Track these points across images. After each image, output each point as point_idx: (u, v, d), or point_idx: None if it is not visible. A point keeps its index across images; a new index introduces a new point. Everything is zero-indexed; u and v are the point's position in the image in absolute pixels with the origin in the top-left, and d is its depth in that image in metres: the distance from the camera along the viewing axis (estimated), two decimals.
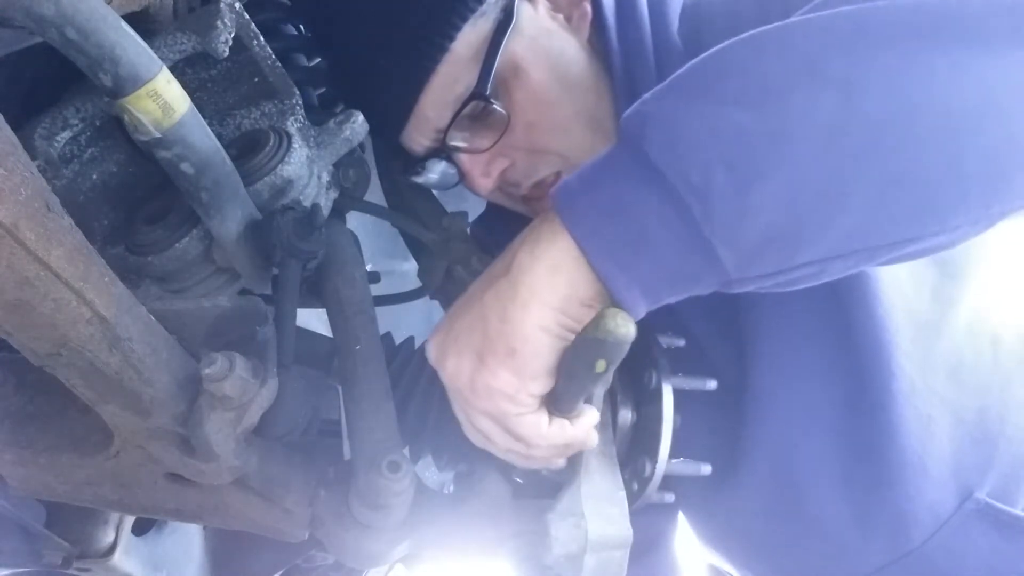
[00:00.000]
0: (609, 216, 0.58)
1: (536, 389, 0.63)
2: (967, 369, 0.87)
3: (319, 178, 0.83)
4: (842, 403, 0.85)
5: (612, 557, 0.68)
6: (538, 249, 0.61)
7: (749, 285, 0.60)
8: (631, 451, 0.77)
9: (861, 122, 0.55)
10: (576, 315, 0.61)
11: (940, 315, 0.87)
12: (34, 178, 0.46)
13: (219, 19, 0.70)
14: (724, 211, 0.55)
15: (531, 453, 0.69)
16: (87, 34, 0.53)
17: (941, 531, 0.85)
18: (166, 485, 0.71)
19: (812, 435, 0.87)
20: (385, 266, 1.27)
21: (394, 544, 0.70)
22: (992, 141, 0.56)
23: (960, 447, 0.86)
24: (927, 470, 0.84)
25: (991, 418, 0.87)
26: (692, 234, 0.56)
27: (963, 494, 0.86)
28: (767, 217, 0.55)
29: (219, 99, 0.81)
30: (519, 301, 0.61)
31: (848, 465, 0.86)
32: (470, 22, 0.86)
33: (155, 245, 0.72)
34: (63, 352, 0.53)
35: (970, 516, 0.86)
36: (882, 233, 0.57)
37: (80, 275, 0.50)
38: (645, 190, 0.57)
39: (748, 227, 0.56)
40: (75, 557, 0.89)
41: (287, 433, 0.70)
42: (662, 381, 0.75)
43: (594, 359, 0.59)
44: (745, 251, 0.56)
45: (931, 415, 0.85)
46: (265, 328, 0.66)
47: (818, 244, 0.57)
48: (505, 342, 0.61)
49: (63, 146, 0.69)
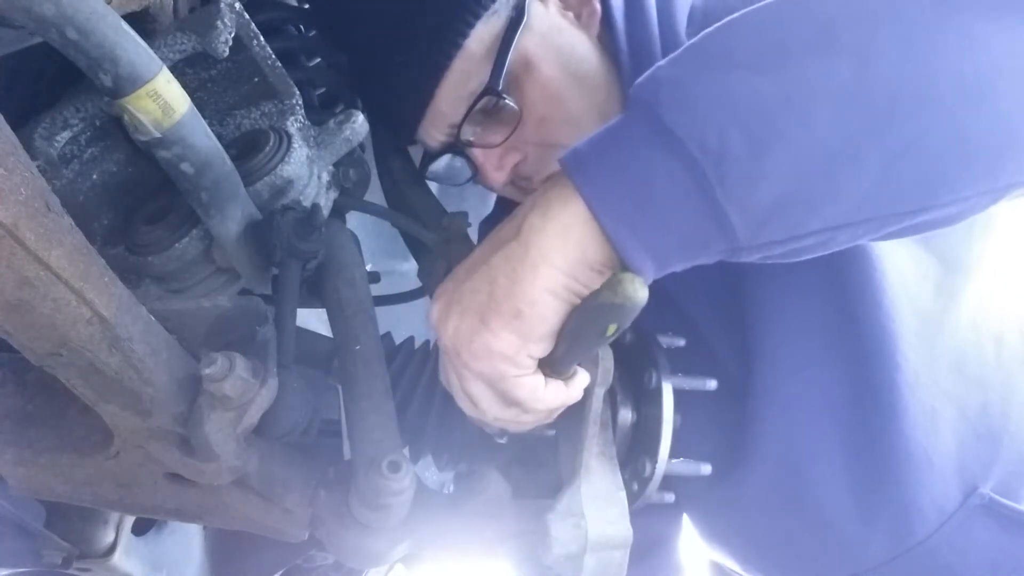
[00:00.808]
0: (621, 179, 0.58)
1: (537, 352, 0.63)
2: (970, 364, 0.88)
3: (319, 178, 0.83)
4: (846, 395, 0.86)
5: (612, 557, 0.68)
6: (550, 212, 0.60)
7: (756, 253, 0.60)
8: (631, 451, 0.77)
9: (874, 90, 0.55)
10: (585, 279, 0.61)
11: (943, 309, 0.88)
12: (34, 178, 0.46)
13: (219, 19, 0.70)
14: (738, 175, 0.55)
15: (523, 419, 0.68)
16: (87, 34, 0.53)
17: (945, 526, 0.86)
18: (166, 485, 0.71)
19: (816, 428, 0.87)
20: (385, 266, 1.27)
21: (394, 544, 0.70)
22: (1001, 112, 0.57)
23: (964, 442, 0.86)
24: (932, 464, 0.85)
25: (994, 414, 0.88)
26: (705, 198, 0.56)
27: (967, 489, 0.86)
28: (780, 182, 0.55)
29: (219, 99, 0.81)
30: (528, 263, 0.60)
31: (852, 458, 0.86)
32: (483, 19, 0.88)
33: (155, 245, 0.72)
34: (63, 352, 0.53)
35: (974, 512, 0.86)
36: (892, 202, 0.57)
37: (80, 275, 0.50)
38: (658, 153, 0.57)
39: (761, 192, 0.56)
40: (75, 557, 0.89)
41: (287, 433, 0.70)
42: (662, 381, 0.75)
43: (606, 323, 0.58)
44: (757, 216, 0.56)
45: (935, 408, 0.85)
46: (265, 328, 0.66)
47: (829, 211, 0.57)
48: (512, 304, 0.61)
49: (63, 146, 0.69)
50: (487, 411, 0.68)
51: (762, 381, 0.88)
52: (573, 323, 0.62)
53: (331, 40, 0.98)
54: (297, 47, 0.96)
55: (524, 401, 0.65)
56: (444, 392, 0.82)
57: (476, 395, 0.67)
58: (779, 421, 0.88)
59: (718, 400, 0.85)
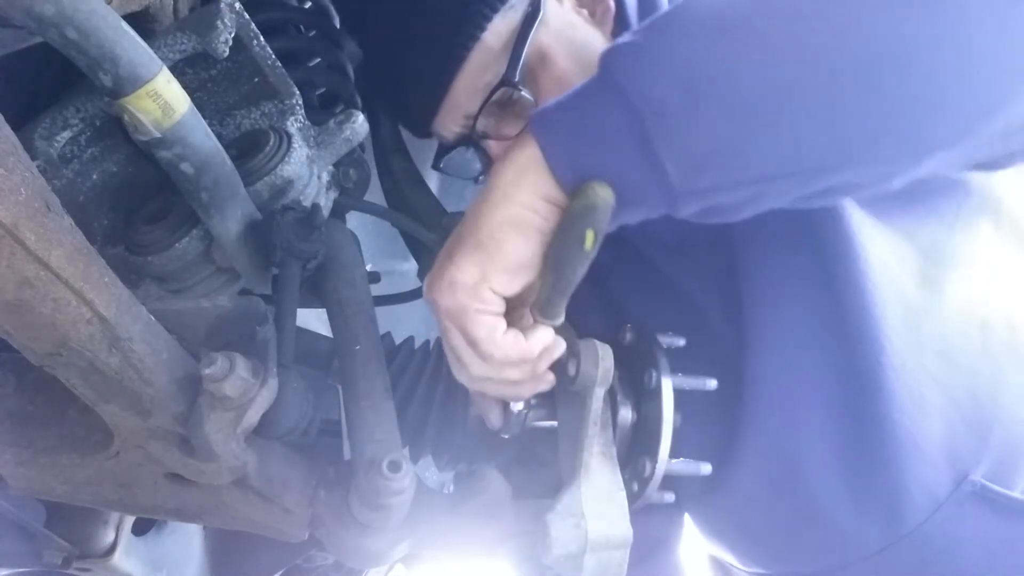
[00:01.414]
0: (571, 125, 0.65)
1: (499, 286, 0.66)
2: (957, 352, 0.89)
3: (319, 178, 0.83)
4: (834, 380, 0.87)
5: (612, 557, 0.68)
6: (510, 156, 0.67)
7: (693, 202, 0.64)
8: (631, 451, 0.77)
9: (797, 53, 0.61)
10: (543, 212, 0.65)
11: (927, 298, 0.90)
12: (34, 178, 0.47)
13: (219, 19, 0.70)
14: (673, 125, 0.61)
15: (502, 375, 0.69)
16: (87, 34, 0.53)
17: (937, 513, 0.87)
18: (166, 485, 0.71)
19: (807, 415, 0.89)
20: (385, 266, 1.27)
21: (394, 544, 0.70)
22: (920, 75, 0.61)
23: (954, 428, 0.88)
24: (920, 449, 0.86)
25: (983, 401, 0.89)
26: (643, 143, 0.62)
27: (958, 476, 0.87)
28: (711, 133, 0.62)
29: (219, 99, 0.81)
30: (490, 201, 0.67)
31: (843, 444, 0.88)
32: (500, 13, 0.92)
33: (155, 245, 0.72)
34: (63, 352, 0.53)
35: (966, 498, 0.87)
36: (814, 157, 0.62)
37: (80, 275, 0.50)
38: (606, 104, 0.63)
39: (693, 140, 0.62)
40: (75, 557, 0.89)
41: (287, 433, 0.70)
42: (662, 381, 0.75)
43: (582, 230, 0.62)
44: (689, 163, 0.62)
45: (923, 393, 0.87)
46: (265, 328, 0.66)
47: (755, 162, 0.62)
48: (474, 237, 0.66)
49: (63, 146, 0.69)
50: (467, 359, 0.69)
51: (755, 367, 0.89)
52: (553, 248, 0.65)
53: (348, 34, 1.00)
54: (297, 47, 0.96)
55: (481, 340, 0.67)
56: (444, 392, 0.82)
57: (454, 345, 0.69)
58: (771, 409, 0.89)
59: (712, 393, 0.86)
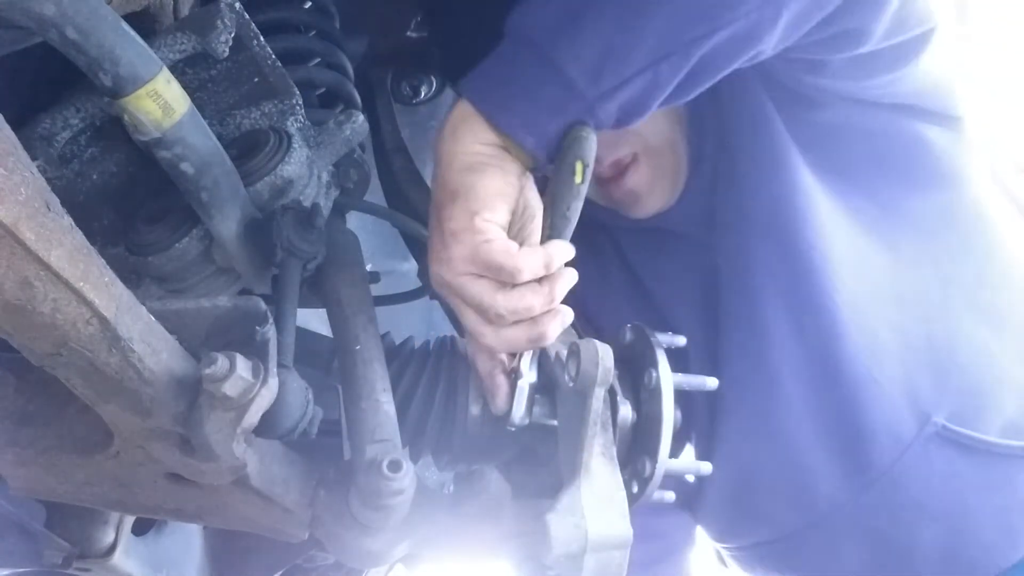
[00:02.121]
0: (491, 76, 0.76)
1: (490, 215, 0.72)
2: (912, 302, 0.98)
3: (319, 178, 0.83)
4: (792, 322, 0.97)
5: (612, 557, 0.68)
6: (444, 124, 0.77)
7: (609, 105, 0.74)
8: (631, 451, 0.77)
9: None
10: (487, 152, 0.74)
11: (881, 251, 0.99)
12: (34, 178, 0.46)
13: (219, 19, 0.70)
14: (566, 42, 0.72)
15: (524, 302, 0.71)
16: (87, 34, 0.53)
17: (905, 455, 0.93)
18: (166, 485, 0.71)
19: (779, 358, 0.98)
20: (385, 266, 1.27)
21: (394, 544, 0.70)
22: None
23: (912, 371, 0.95)
24: (880, 387, 0.94)
25: (940, 347, 0.96)
26: (546, 64, 0.72)
27: (921, 418, 0.94)
28: (598, 38, 0.72)
29: (219, 99, 0.81)
30: (442, 163, 0.75)
31: (812, 387, 0.96)
32: None
33: (155, 245, 0.72)
34: (63, 352, 0.53)
35: (931, 440, 0.93)
36: (684, 31, 0.73)
37: (80, 275, 0.50)
38: (513, 51, 0.75)
39: (586, 47, 0.72)
40: (75, 557, 0.89)
41: (287, 433, 0.70)
42: (662, 380, 0.75)
43: (573, 163, 0.72)
44: (589, 67, 0.72)
45: (877, 334, 0.95)
46: (265, 328, 0.66)
47: (642, 50, 0.72)
48: (446, 193, 0.73)
49: (63, 146, 0.69)
50: (490, 301, 0.71)
51: (727, 314, 1.00)
52: (551, 185, 0.73)
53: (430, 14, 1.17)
54: (297, 47, 0.96)
55: (503, 264, 0.70)
56: (444, 392, 0.82)
57: (473, 292, 0.72)
58: (747, 364, 0.99)
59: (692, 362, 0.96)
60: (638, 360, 0.79)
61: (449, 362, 0.84)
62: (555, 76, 0.72)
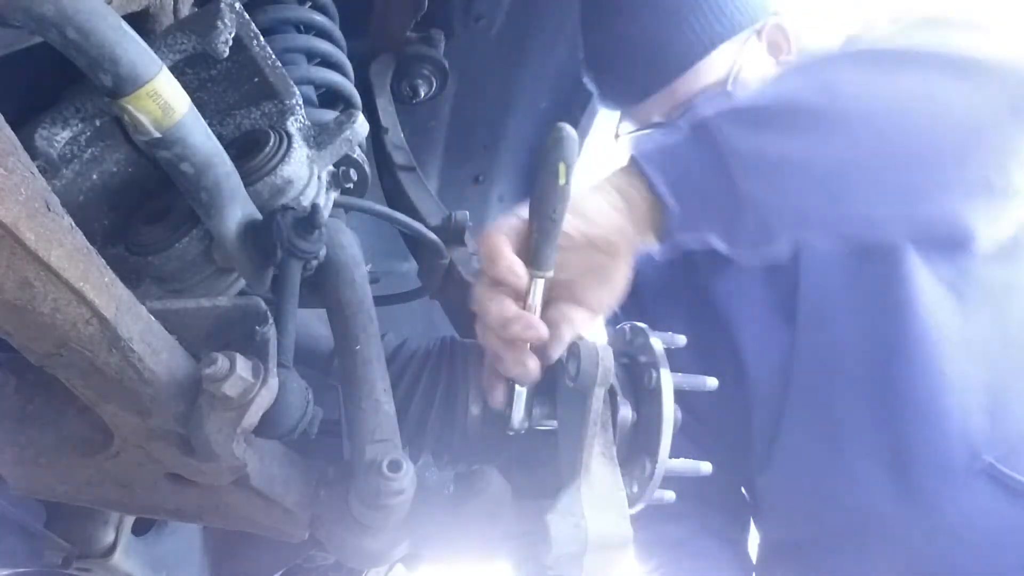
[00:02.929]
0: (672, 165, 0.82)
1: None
2: (977, 349, 1.03)
3: (319, 178, 0.83)
4: (871, 347, 1.05)
5: (612, 557, 0.68)
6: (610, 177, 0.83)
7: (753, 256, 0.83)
8: (631, 451, 0.77)
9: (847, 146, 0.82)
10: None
11: (951, 299, 1.04)
12: (34, 178, 0.46)
13: (219, 19, 0.70)
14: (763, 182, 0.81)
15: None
16: (87, 34, 0.53)
17: (951, 483, 0.98)
18: (166, 485, 0.71)
19: (844, 382, 1.06)
20: (385, 266, 1.27)
21: (394, 544, 0.70)
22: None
23: (969, 411, 1.00)
24: (938, 417, 1.00)
25: (997, 395, 1.01)
26: (731, 194, 0.80)
27: (972, 455, 0.99)
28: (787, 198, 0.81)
29: (219, 99, 0.81)
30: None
31: (875, 404, 1.03)
32: (730, 40, 1.21)
33: (155, 245, 0.72)
34: (63, 352, 0.53)
35: (978, 476, 0.98)
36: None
37: (80, 275, 0.50)
38: (698, 154, 0.81)
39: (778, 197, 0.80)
40: (75, 557, 0.89)
41: (287, 433, 0.70)
42: (662, 380, 0.75)
43: (556, 164, 0.71)
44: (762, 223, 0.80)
45: (942, 370, 1.01)
46: (265, 328, 0.66)
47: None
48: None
49: (63, 146, 0.69)
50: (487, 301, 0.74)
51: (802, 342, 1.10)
52: (534, 190, 0.73)
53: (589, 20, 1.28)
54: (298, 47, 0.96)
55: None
56: (444, 392, 0.82)
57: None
58: (819, 374, 1.09)
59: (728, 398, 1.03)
60: (638, 360, 0.79)
61: (449, 362, 0.84)
62: (738, 208, 0.79)
